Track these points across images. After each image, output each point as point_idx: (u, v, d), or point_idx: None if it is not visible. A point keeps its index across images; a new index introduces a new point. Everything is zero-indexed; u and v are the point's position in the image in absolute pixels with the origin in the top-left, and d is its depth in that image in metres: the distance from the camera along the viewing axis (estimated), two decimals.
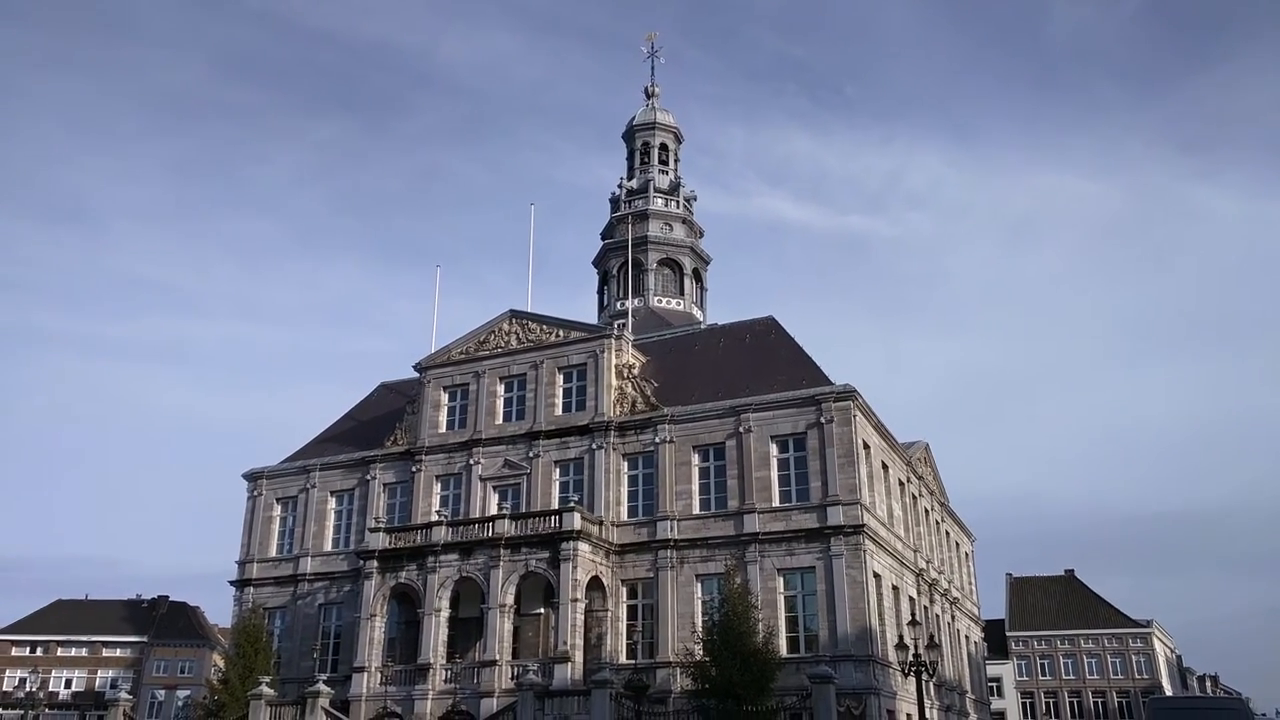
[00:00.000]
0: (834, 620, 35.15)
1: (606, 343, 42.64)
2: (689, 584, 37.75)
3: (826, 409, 37.67)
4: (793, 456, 38.21)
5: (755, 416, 38.75)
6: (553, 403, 42.56)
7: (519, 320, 44.78)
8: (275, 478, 47.79)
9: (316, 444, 49.43)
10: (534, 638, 38.54)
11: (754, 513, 37.57)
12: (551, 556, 36.68)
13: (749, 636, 31.29)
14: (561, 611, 36.04)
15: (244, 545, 47.18)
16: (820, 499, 36.85)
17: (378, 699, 37.29)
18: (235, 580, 46.60)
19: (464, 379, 44.66)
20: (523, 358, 43.76)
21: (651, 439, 40.23)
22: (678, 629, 36.91)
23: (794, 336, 43.88)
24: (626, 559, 39.06)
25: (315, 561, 45.13)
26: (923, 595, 44.20)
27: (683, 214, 62.06)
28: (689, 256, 60.67)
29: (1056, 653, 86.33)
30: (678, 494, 39.15)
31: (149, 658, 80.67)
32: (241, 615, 44.30)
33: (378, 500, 44.58)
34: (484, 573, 37.53)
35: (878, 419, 40.38)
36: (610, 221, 62.49)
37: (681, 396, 41.23)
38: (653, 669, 36.63)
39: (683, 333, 50.69)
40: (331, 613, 44.22)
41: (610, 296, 60.23)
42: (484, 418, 43.41)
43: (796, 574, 36.77)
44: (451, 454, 43.49)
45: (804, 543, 36.63)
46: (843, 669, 33.47)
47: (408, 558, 39.02)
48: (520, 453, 42.19)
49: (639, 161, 63.80)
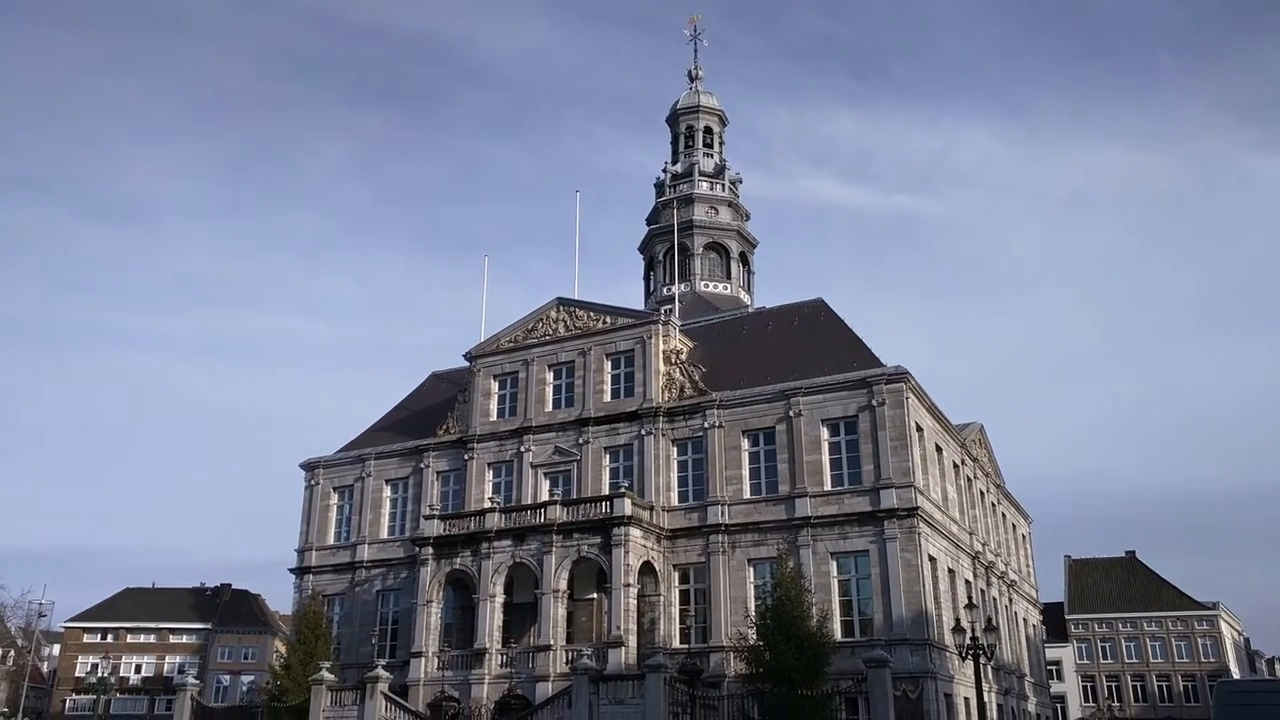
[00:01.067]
0: (889, 604, 34.86)
1: (653, 328, 42.60)
2: (741, 568, 37.69)
3: (878, 391, 37.26)
4: (844, 440, 37.89)
5: (805, 400, 38.47)
6: (601, 389, 42.67)
7: (566, 308, 44.93)
8: (331, 467, 48.61)
9: (371, 433, 50.16)
10: (587, 622, 38.79)
11: (805, 497, 37.35)
12: (603, 542, 36.86)
13: (803, 620, 31.16)
14: (614, 596, 36.22)
15: (302, 534, 48.12)
16: (873, 482, 36.51)
17: (435, 683, 37.85)
18: (295, 568, 47.57)
19: (513, 367, 44.97)
20: (571, 345, 43.92)
21: (700, 424, 40.16)
22: (730, 613, 36.89)
23: (844, 319, 43.48)
24: (678, 544, 39.09)
25: (372, 549, 45.87)
26: (979, 578, 43.63)
27: (728, 197, 61.65)
28: (735, 240, 60.29)
29: (1118, 636, 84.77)
30: (728, 479, 39.06)
31: (214, 644, 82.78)
32: (301, 602, 45.23)
33: (431, 488, 45.14)
34: (537, 558, 37.84)
35: (930, 401, 39.84)
36: (655, 206, 62.33)
37: (730, 381, 41.07)
38: (706, 653, 36.68)
39: (730, 317, 50.44)
40: (389, 599, 44.93)
41: (656, 282, 60.13)
42: (534, 405, 43.69)
43: (850, 558, 36.50)
44: (503, 441, 43.85)
45: (857, 526, 36.36)
46: (898, 653, 33.22)
47: (462, 544, 39.47)
48: (570, 439, 42.39)
49: (683, 146, 63.49)
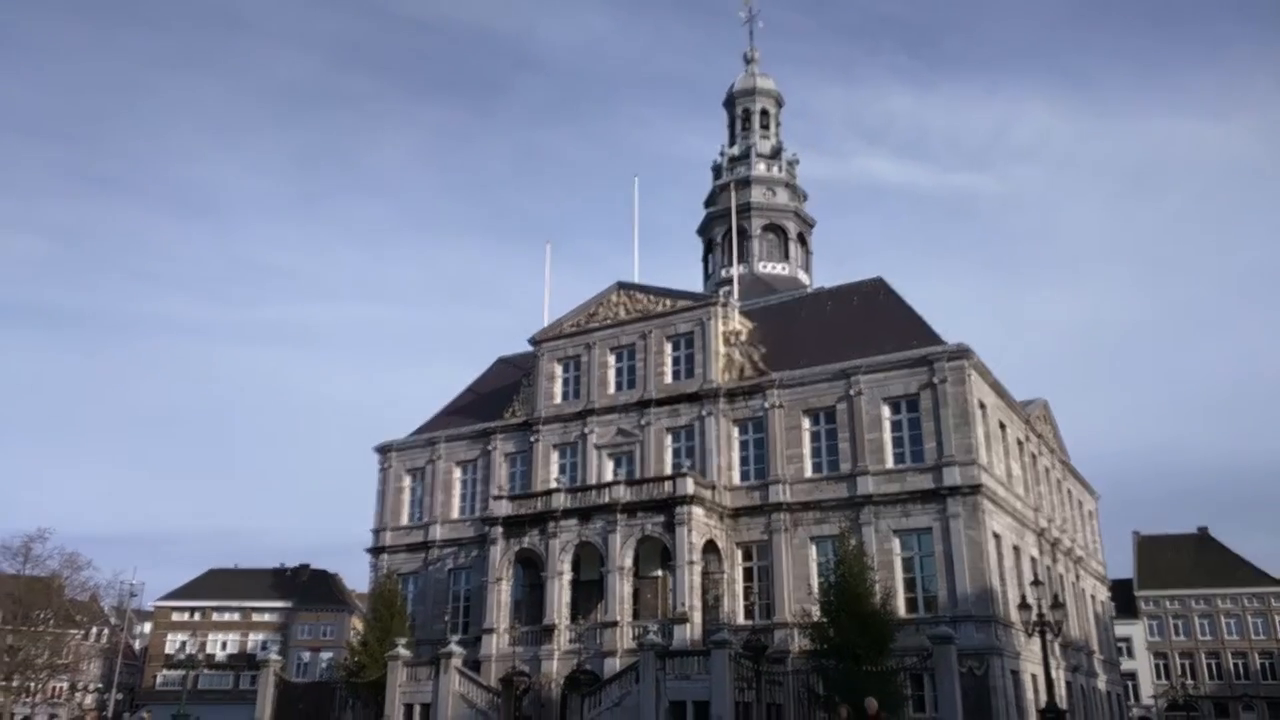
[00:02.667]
0: (953, 581, 34.97)
1: (713, 310, 43.01)
2: (803, 546, 38.09)
3: (940, 369, 37.23)
4: (906, 418, 37.96)
5: (866, 379, 38.59)
6: (662, 371, 43.27)
7: (627, 291, 45.56)
8: (404, 450, 50.08)
9: (441, 417, 51.52)
10: (653, 599, 39.57)
11: (867, 475, 37.56)
12: (667, 521, 37.56)
13: (866, 597, 31.40)
14: (678, 574, 36.91)
15: (377, 514, 49.72)
16: (935, 460, 36.56)
17: (507, 659, 39.03)
18: (370, 548, 49.20)
19: (576, 351, 45.80)
20: (631, 328, 44.56)
21: (761, 404, 40.53)
22: (794, 590, 37.35)
23: (903, 297, 43.37)
24: (740, 522, 39.62)
25: (444, 529, 47.25)
26: (1045, 555, 43.38)
27: (785, 178, 61.55)
28: (793, 221, 60.22)
29: (1191, 613, 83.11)
30: (789, 458, 39.42)
31: (294, 622, 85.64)
32: (377, 581, 46.81)
33: (499, 469, 46.30)
34: (602, 537, 38.70)
35: (993, 378, 39.65)
36: (713, 189, 62.49)
37: (790, 361, 41.33)
38: (770, 630, 37.21)
39: (789, 297, 50.57)
40: (460, 577, 46.29)
41: (715, 264, 60.39)
42: (596, 388, 44.48)
43: (913, 535, 36.66)
44: (567, 424, 44.76)
45: (920, 504, 36.46)
46: (963, 629, 33.36)
47: (530, 524, 40.52)
48: (632, 421, 43.11)
49: (740, 128, 63.47)
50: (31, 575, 68.89)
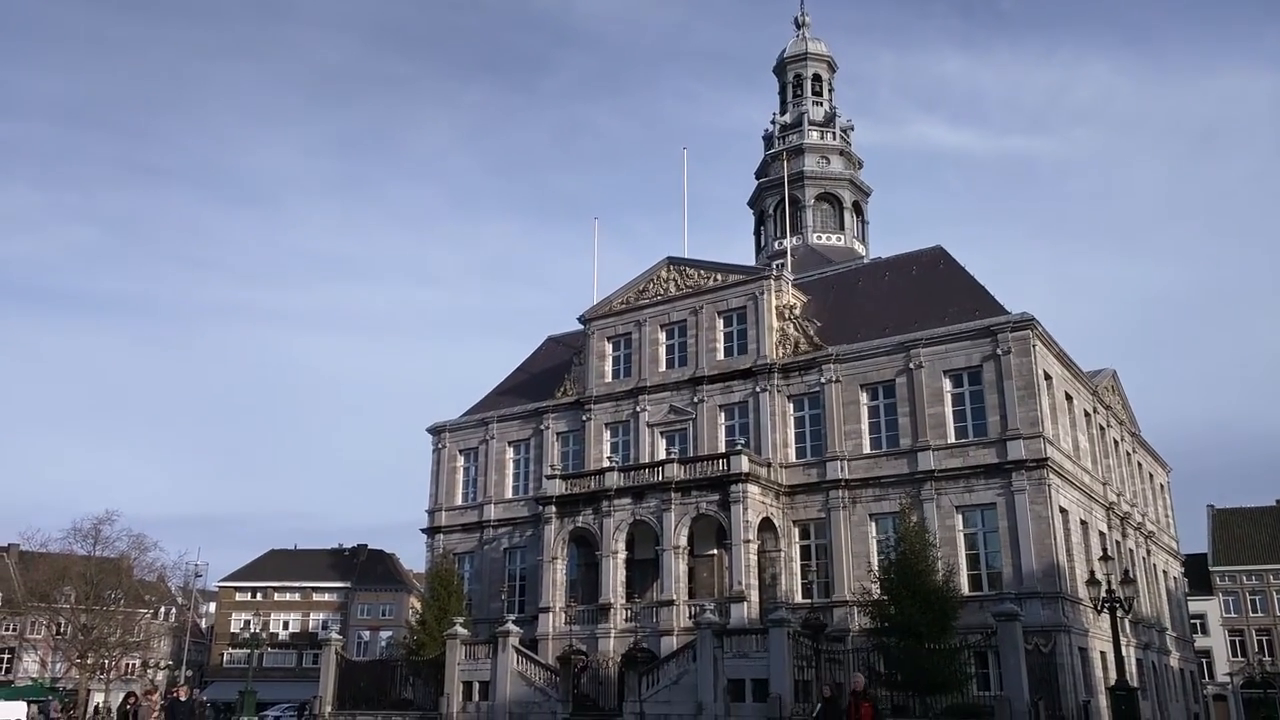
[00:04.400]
0: (1018, 557, 33.99)
1: (766, 284, 42.17)
2: (863, 523, 37.32)
3: (1003, 340, 36.05)
4: (968, 391, 36.88)
5: (926, 351, 37.54)
6: (714, 347, 42.59)
7: (676, 267, 44.87)
8: (456, 430, 50.17)
9: (492, 397, 51.50)
10: (709, 578, 39.14)
11: (928, 450, 36.59)
12: (721, 499, 37.01)
13: (928, 575, 30.69)
14: (734, 552, 36.40)
15: (432, 495, 49.94)
16: (999, 433, 35.47)
17: (563, 637, 38.93)
18: (426, 528, 49.48)
19: (626, 328, 45.29)
20: (682, 304, 43.90)
21: (817, 379, 39.69)
22: (853, 568, 36.64)
23: (964, 266, 42.09)
24: (797, 500, 38.94)
25: (498, 509, 47.27)
26: (1114, 530, 42.02)
27: (839, 146, 60.19)
28: (848, 189, 58.90)
29: (1269, 588, 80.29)
30: (847, 434, 38.58)
31: (353, 601, 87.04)
32: (433, 561, 47.11)
33: (552, 449, 46.11)
34: (656, 516, 38.30)
35: (1059, 348, 38.32)
36: (764, 159, 61.38)
37: (846, 334, 40.39)
38: (829, 608, 36.59)
39: (845, 269, 49.45)
40: (515, 556, 46.31)
41: (767, 236, 59.38)
42: (648, 365, 43.97)
43: (976, 511, 35.67)
44: (619, 402, 44.35)
45: (983, 479, 35.44)
46: (1029, 606, 32.40)
47: (583, 503, 40.27)
48: (685, 398, 42.54)
49: (791, 95, 62.18)
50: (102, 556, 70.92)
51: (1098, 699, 33.45)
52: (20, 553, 77.83)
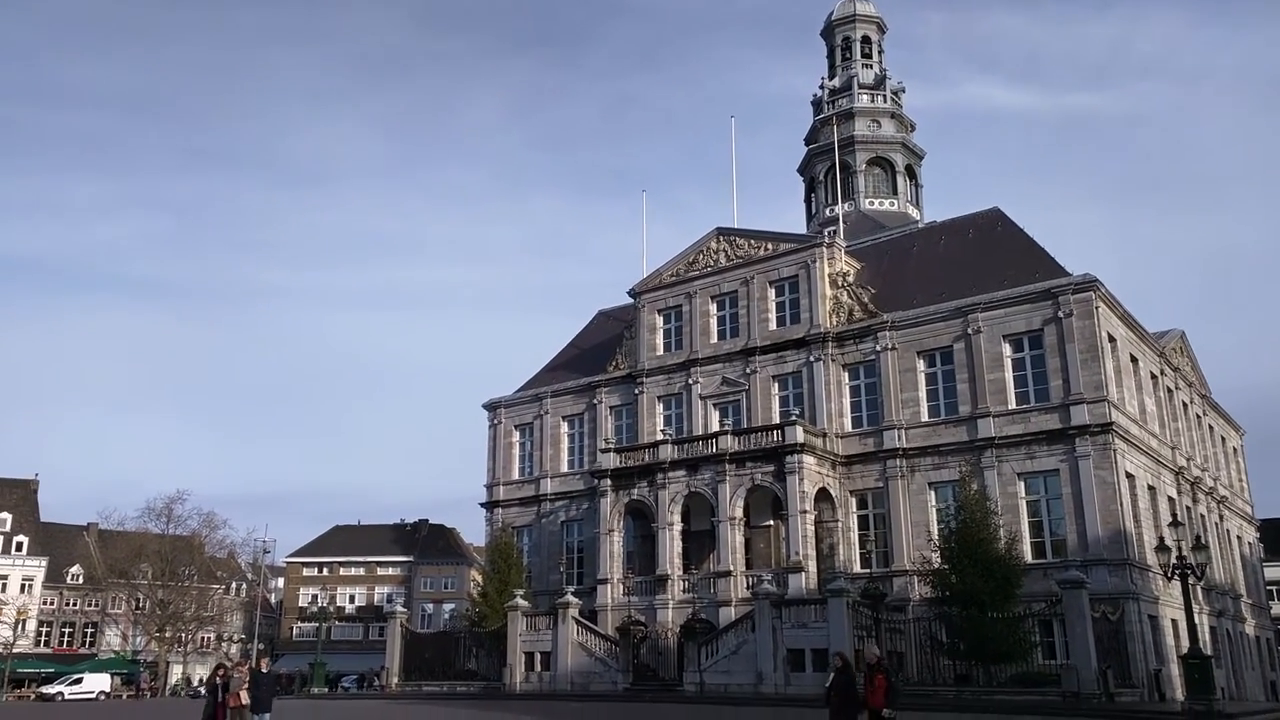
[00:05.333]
0: (1083, 524, 33.31)
1: (817, 252, 41.59)
2: (921, 492, 36.85)
3: (1064, 302, 35.15)
4: (1028, 355, 36.09)
5: (985, 316, 36.78)
6: (766, 317, 42.21)
7: (726, 237, 44.47)
8: (512, 406, 50.59)
9: (546, 372, 51.78)
10: (765, 549, 39.05)
11: (988, 417, 35.93)
12: (776, 470, 36.81)
13: (989, 543, 30.25)
14: (791, 523, 36.23)
15: (489, 470, 50.50)
16: (1062, 398, 34.68)
17: (622, 608, 39.21)
18: (485, 502, 50.10)
19: (676, 300, 45.10)
20: (732, 275, 43.53)
21: (872, 347, 39.15)
22: (912, 537, 36.26)
23: (1022, 228, 41.04)
24: (853, 470, 38.57)
25: (554, 482, 47.65)
26: (1184, 495, 40.91)
27: (890, 109, 58.97)
28: (900, 153, 57.75)
29: None
30: (904, 402, 38.04)
31: (416, 575, 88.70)
32: (493, 534, 47.75)
33: (605, 422, 46.27)
34: (711, 488, 38.25)
35: (1123, 309, 37.25)
36: (813, 125, 60.44)
37: (901, 301, 39.72)
38: (889, 578, 36.28)
39: (899, 234, 48.58)
40: (573, 529, 46.70)
41: (818, 204, 58.57)
42: (699, 337, 43.76)
43: (1039, 477, 35.00)
44: (670, 375, 44.26)
45: (1045, 445, 34.73)
46: (1095, 574, 31.77)
47: (638, 475, 40.37)
48: (737, 370, 42.29)
49: (840, 59, 61.04)
50: (175, 534, 73.31)
51: (1169, 668, 32.76)
52: (99, 531, 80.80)
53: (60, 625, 78.88)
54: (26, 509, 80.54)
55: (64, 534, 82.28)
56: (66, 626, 79.26)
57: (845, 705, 14.36)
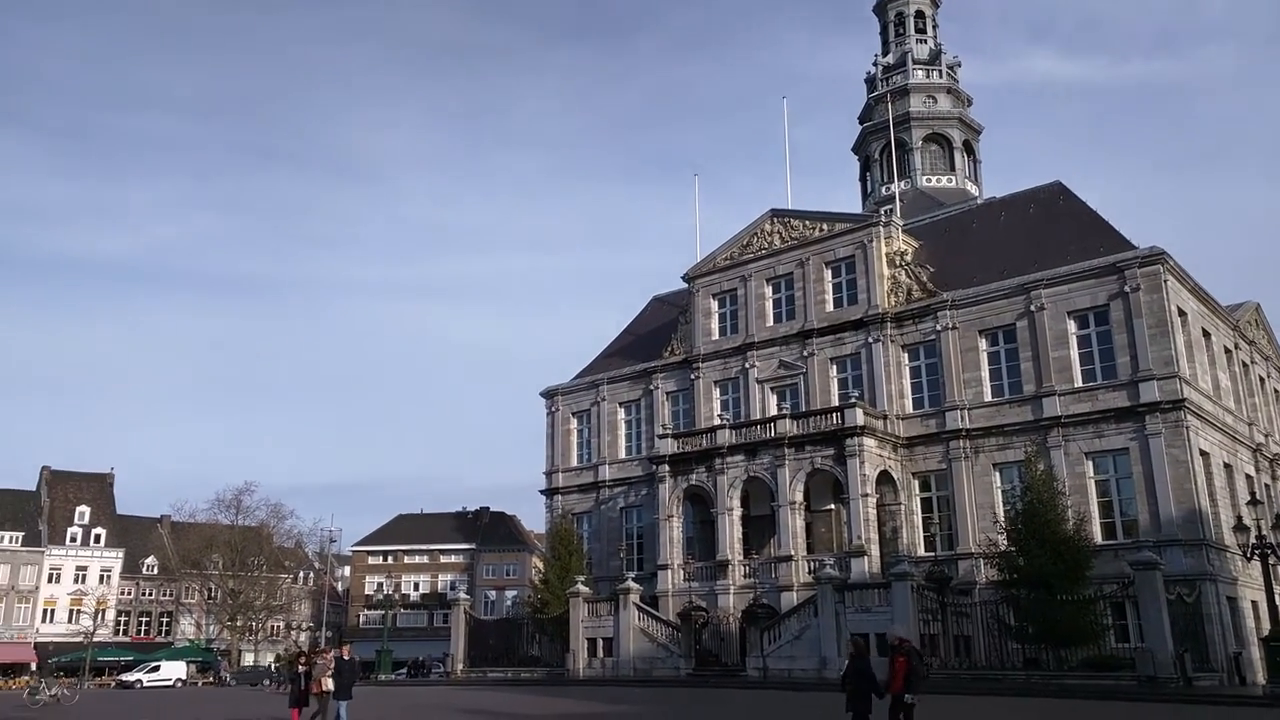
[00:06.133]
0: (1155, 504, 32.46)
1: (874, 231, 40.98)
2: (986, 473, 36.22)
3: (1131, 276, 34.17)
4: (1094, 332, 35.20)
5: (1048, 292, 35.93)
6: (823, 299, 41.73)
7: (780, 219, 44.02)
8: (569, 394, 50.82)
9: (602, 359, 51.90)
10: (826, 533, 38.74)
11: (1054, 395, 35.15)
12: (837, 453, 36.44)
13: (1057, 524, 29.65)
14: (852, 507, 35.87)
15: (548, 457, 50.83)
16: (1130, 375, 33.76)
17: (683, 594, 39.22)
18: (544, 489, 50.47)
19: (731, 284, 44.81)
20: (787, 257, 43.10)
21: (932, 327, 38.52)
22: (977, 519, 35.67)
23: (1085, 201, 39.99)
24: (915, 452, 38.04)
25: (612, 469, 47.78)
26: (1263, 472, 39.63)
27: (946, 84, 57.81)
28: (957, 128, 56.61)
29: None
30: (966, 382, 37.38)
31: (478, 562, 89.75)
32: (553, 521, 48.10)
33: (662, 408, 46.24)
34: (770, 472, 38.01)
35: (1193, 282, 36.11)
36: (867, 103, 59.53)
37: (961, 279, 38.98)
38: (954, 560, 35.76)
39: (957, 211, 47.70)
40: (632, 515, 46.82)
41: (873, 182, 57.71)
42: (754, 321, 43.45)
43: (1107, 457, 34.17)
44: (726, 359, 44.04)
45: (1114, 423, 33.86)
46: (1169, 554, 30.94)
47: (696, 461, 40.29)
48: (794, 353, 41.92)
49: (893, 34, 59.98)
50: (244, 525, 75.19)
51: (1250, 650, 31.82)
52: (172, 523, 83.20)
53: (137, 615, 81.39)
54: (103, 502, 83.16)
55: (139, 526, 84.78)
56: (143, 616, 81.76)
57: (860, 692, 13.68)
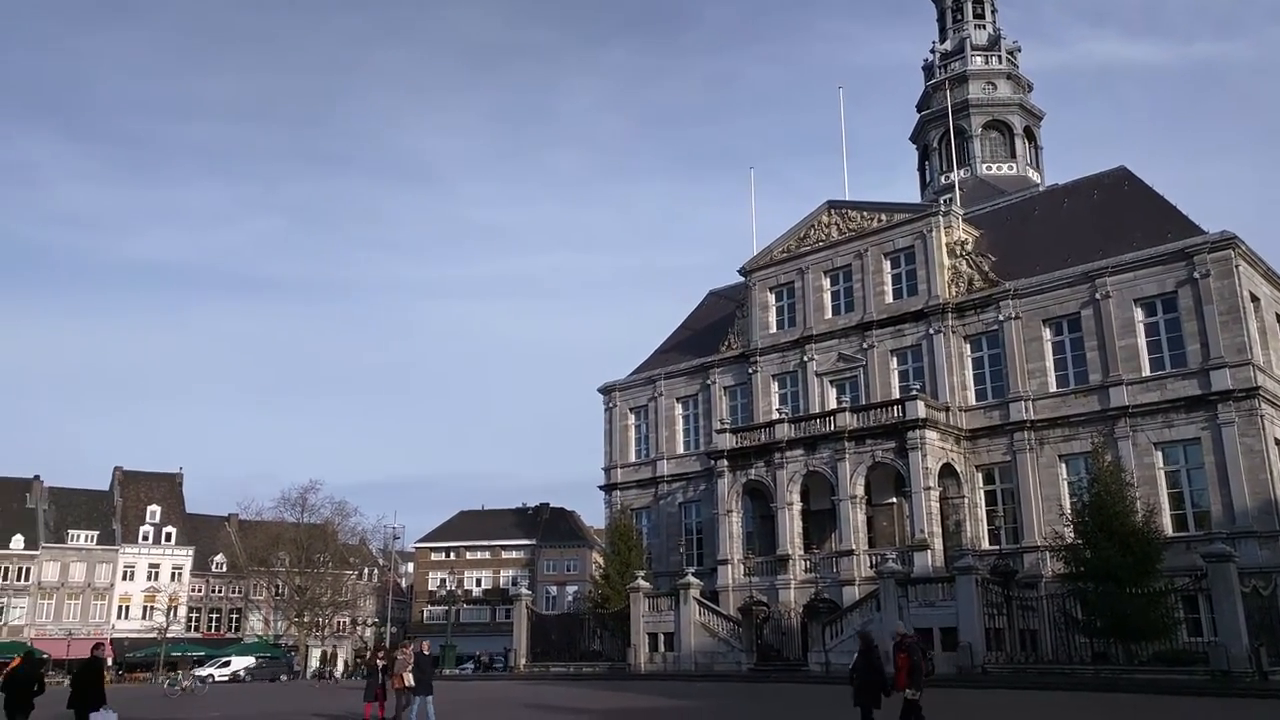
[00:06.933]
0: (1228, 495, 31.62)
1: (933, 220, 40.47)
2: (1051, 465, 35.60)
3: (1200, 262, 33.31)
4: (1162, 320, 34.38)
5: (1114, 280, 35.18)
6: (882, 291, 41.35)
7: (838, 210, 43.70)
8: (626, 389, 51.04)
9: (659, 355, 52.04)
10: (888, 527, 38.41)
11: (1121, 385, 34.41)
12: (898, 446, 36.11)
13: (1126, 516, 29.08)
14: (914, 500, 35.53)
15: (606, 453, 51.12)
16: (1200, 363, 32.92)
17: (743, 589, 39.20)
18: (603, 485, 50.77)
19: (788, 277, 44.60)
20: (845, 248, 42.77)
21: (994, 317, 37.95)
22: (1043, 512, 35.09)
23: (1152, 186, 39.04)
24: (979, 444, 37.53)
25: (670, 464, 47.90)
26: None
27: (1005, 69, 56.82)
28: (1018, 114, 55.63)
29: None
30: (1030, 372, 36.78)
31: (539, 558, 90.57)
32: (612, 516, 48.38)
33: (720, 403, 46.22)
34: (830, 466, 37.80)
35: (1266, 266, 35.08)
36: (925, 91, 58.76)
37: (1024, 268, 38.34)
38: (1019, 554, 35.23)
39: (1019, 198, 46.89)
40: (691, 510, 46.89)
41: (932, 171, 56.96)
42: (812, 314, 43.21)
43: (1177, 447, 33.36)
44: (784, 353, 43.86)
45: (1184, 413, 33.06)
46: (1244, 546, 30.12)
47: (755, 455, 40.21)
48: (853, 345, 41.60)
49: (951, 21, 59.10)
50: (309, 523, 76.81)
51: None
52: (240, 522, 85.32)
53: (207, 611, 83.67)
54: (173, 501, 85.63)
55: (207, 525, 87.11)
56: (213, 612, 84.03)
57: (866, 687, 13.34)
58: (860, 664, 13.54)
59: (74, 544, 78.36)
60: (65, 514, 79.85)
